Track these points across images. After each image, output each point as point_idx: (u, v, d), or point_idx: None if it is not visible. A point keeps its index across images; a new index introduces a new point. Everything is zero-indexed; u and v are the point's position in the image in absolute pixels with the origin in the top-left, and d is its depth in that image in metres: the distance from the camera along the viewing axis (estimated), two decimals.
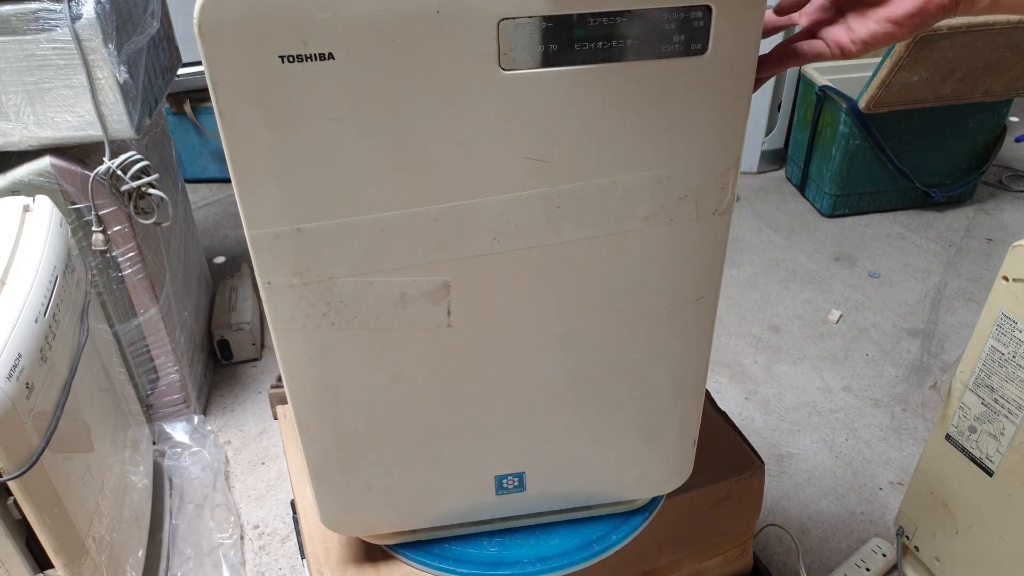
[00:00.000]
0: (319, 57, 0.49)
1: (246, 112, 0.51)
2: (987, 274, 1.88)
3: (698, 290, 0.66)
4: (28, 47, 1.06)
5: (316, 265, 0.58)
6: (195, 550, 1.22)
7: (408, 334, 0.63)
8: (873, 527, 1.27)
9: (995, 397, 0.91)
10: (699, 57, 0.53)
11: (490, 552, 0.81)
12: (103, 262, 1.24)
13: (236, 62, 0.49)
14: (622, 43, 0.51)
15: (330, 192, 0.55)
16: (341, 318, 0.61)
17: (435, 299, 0.62)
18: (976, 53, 1.75)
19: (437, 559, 0.80)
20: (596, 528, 0.83)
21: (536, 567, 0.79)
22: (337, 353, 0.63)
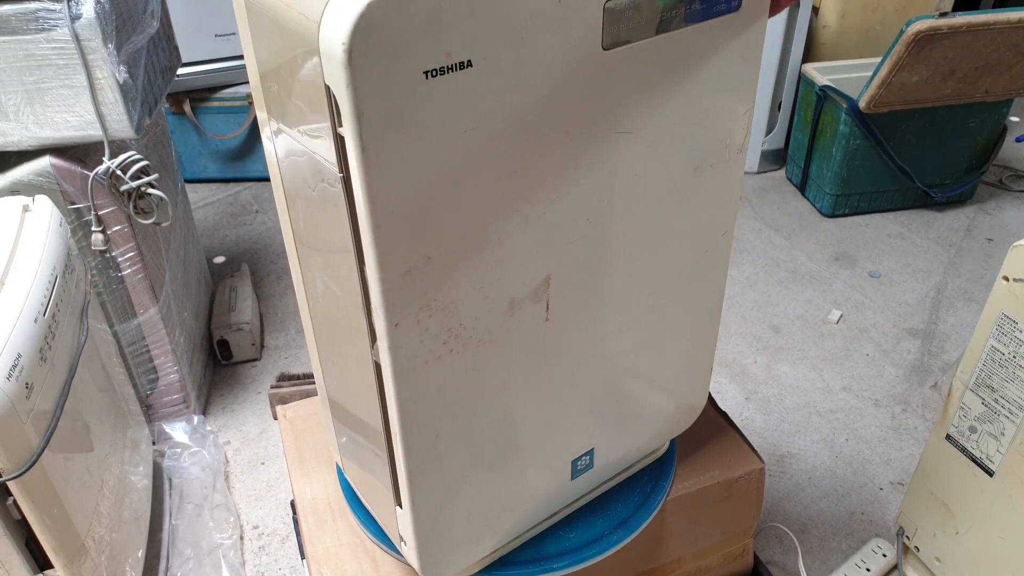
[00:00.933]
0: (459, 67, 0.48)
1: (391, 139, 0.48)
2: (987, 274, 1.88)
3: (723, 225, 0.74)
4: (28, 47, 1.06)
5: (443, 292, 0.56)
6: (195, 550, 1.22)
7: (513, 340, 0.62)
8: (873, 527, 1.27)
9: (995, 397, 0.91)
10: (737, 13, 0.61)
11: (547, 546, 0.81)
12: (103, 262, 1.24)
13: (385, 86, 0.46)
14: (689, 8, 0.58)
15: (459, 210, 0.53)
16: (459, 342, 0.59)
17: (537, 296, 0.62)
18: (976, 53, 1.75)
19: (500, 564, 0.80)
20: (595, 528, 0.83)
21: (535, 568, 0.79)
22: (454, 380, 0.60)
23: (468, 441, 0.65)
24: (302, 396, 1.13)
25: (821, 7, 2.21)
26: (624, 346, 0.74)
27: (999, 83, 1.88)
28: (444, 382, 0.60)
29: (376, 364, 0.59)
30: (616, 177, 0.62)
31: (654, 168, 0.64)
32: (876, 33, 2.23)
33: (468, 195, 0.53)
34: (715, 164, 0.69)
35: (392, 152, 0.48)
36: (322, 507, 0.88)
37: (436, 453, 0.64)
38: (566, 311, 0.65)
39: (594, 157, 0.59)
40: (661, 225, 0.69)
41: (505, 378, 0.65)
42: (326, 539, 0.84)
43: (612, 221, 0.64)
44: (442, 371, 0.59)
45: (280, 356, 1.66)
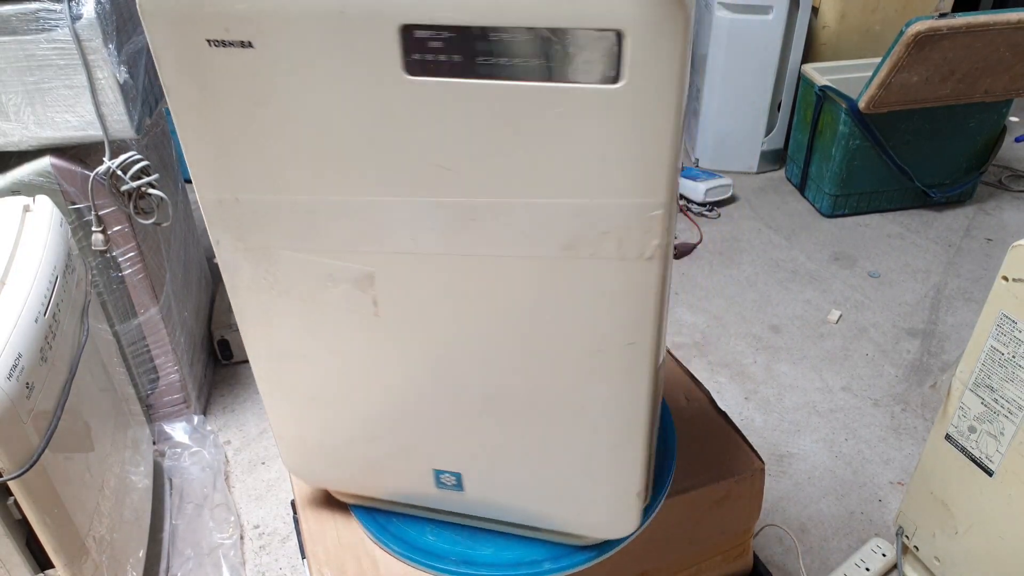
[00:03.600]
0: (240, 44, 0.52)
1: (185, 88, 0.55)
2: (987, 274, 1.88)
3: (628, 335, 0.61)
4: (28, 47, 1.06)
5: (255, 233, 0.63)
6: (195, 550, 1.22)
7: (341, 313, 0.66)
8: (873, 527, 1.27)
9: (995, 397, 0.91)
10: (611, 87, 0.48)
11: (485, 553, 0.81)
12: (103, 262, 1.24)
13: (172, 41, 0.53)
14: (526, 62, 0.49)
15: (262, 169, 0.59)
16: (280, 286, 0.66)
17: (361, 287, 0.64)
18: (976, 53, 1.76)
19: (432, 556, 0.80)
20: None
21: (533, 568, 0.79)
22: (280, 316, 0.68)
23: (304, 378, 0.73)
24: None
25: (821, 7, 2.21)
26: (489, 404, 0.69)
27: (999, 83, 1.88)
28: (271, 313, 0.69)
29: None
30: (443, 211, 0.58)
31: (505, 224, 0.57)
32: (876, 33, 2.23)
33: (269, 160, 0.58)
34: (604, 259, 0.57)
35: (188, 98, 0.56)
36: (322, 507, 0.88)
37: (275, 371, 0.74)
38: (399, 319, 0.64)
39: (407, 179, 0.57)
40: (516, 298, 0.61)
41: (337, 345, 0.69)
42: (326, 539, 0.84)
43: (454, 257, 0.60)
44: (268, 302, 0.68)
45: None
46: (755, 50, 2.15)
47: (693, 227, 2.09)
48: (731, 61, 2.18)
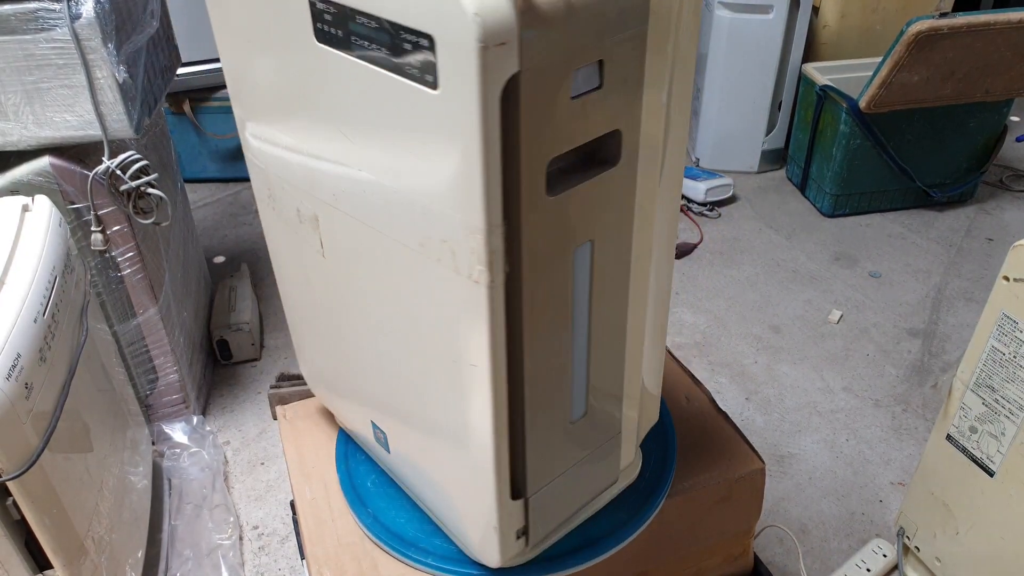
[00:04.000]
0: None
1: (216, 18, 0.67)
2: (988, 274, 1.88)
3: (468, 354, 0.58)
4: (27, 47, 1.06)
5: (259, 151, 0.70)
6: (194, 551, 1.22)
7: (302, 247, 0.72)
8: (874, 527, 1.27)
9: (996, 397, 0.91)
10: (431, 91, 0.48)
11: None
12: (102, 262, 1.24)
13: None
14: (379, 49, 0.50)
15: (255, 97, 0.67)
16: (276, 210, 0.73)
17: (313, 225, 0.68)
18: (977, 53, 1.75)
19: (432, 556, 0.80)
20: (593, 530, 0.82)
21: (534, 569, 0.79)
22: (276, 231, 0.76)
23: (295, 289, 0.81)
24: (302, 396, 1.13)
25: (821, 7, 2.21)
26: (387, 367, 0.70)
27: (999, 83, 1.88)
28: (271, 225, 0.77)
29: None
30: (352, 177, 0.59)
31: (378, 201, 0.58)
32: (876, 33, 2.22)
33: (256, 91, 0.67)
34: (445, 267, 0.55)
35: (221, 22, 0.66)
36: (322, 507, 0.88)
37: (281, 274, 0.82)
38: (335, 265, 0.69)
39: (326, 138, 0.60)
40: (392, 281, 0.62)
41: (307, 272, 0.75)
42: (326, 539, 0.84)
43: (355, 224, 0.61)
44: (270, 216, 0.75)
45: (280, 356, 1.66)
46: (755, 49, 2.15)
47: (693, 227, 2.08)
48: (731, 61, 2.17)
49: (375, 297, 0.66)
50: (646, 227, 0.62)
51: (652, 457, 0.91)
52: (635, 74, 0.53)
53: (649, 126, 0.57)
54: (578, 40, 0.48)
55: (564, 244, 0.56)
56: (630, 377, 0.71)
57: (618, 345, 0.67)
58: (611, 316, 0.64)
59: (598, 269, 0.60)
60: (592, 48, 0.49)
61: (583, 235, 0.57)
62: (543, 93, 0.48)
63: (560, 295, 0.59)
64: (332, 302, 0.74)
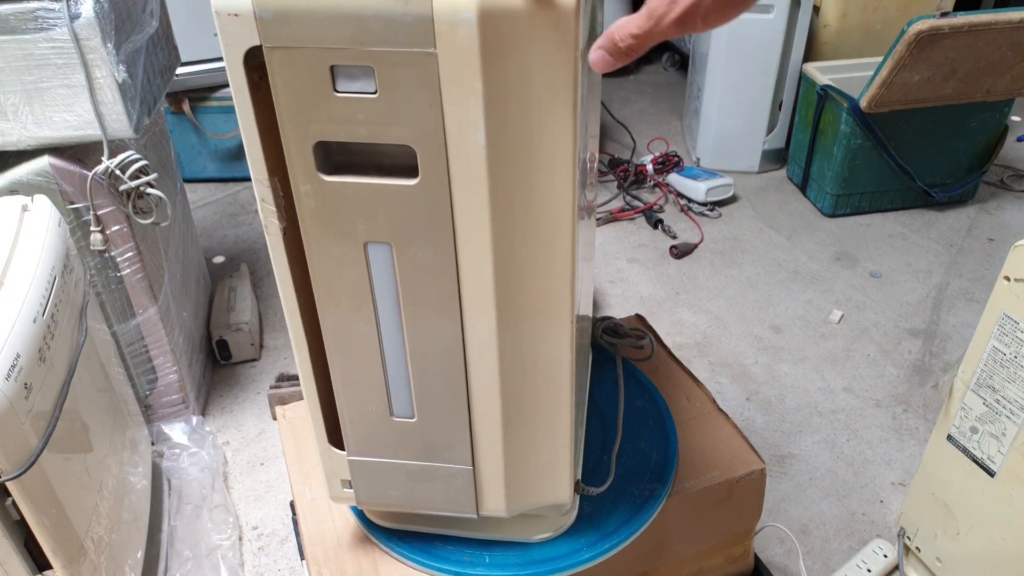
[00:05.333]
0: None
1: None
2: (989, 274, 1.88)
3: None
4: (27, 46, 1.06)
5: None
6: (193, 551, 1.22)
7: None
8: (874, 528, 1.27)
9: (997, 397, 0.91)
10: None
11: (483, 557, 0.80)
12: (101, 262, 1.23)
13: None
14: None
15: None
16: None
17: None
18: (978, 53, 1.75)
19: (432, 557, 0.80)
20: (594, 531, 0.82)
21: (531, 569, 0.79)
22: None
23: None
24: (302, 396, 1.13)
25: (822, 6, 2.21)
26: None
27: (1000, 83, 1.87)
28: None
29: None
30: None
31: None
32: (877, 33, 2.22)
33: None
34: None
35: None
36: (322, 507, 0.87)
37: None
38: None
39: None
40: None
41: None
42: (326, 540, 0.84)
43: None
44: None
45: (280, 356, 1.66)
46: (756, 49, 2.15)
47: (694, 227, 2.08)
48: (732, 60, 2.17)
49: None
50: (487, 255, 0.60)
51: (652, 457, 0.91)
52: (423, 97, 0.52)
53: (467, 161, 0.55)
54: (330, 37, 0.50)
55: (347, 230, 0.59)
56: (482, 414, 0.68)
57: (448, 365, 0.66)
58: (434, 330, 0.64)
59: (404, 274, 0.61)
60: (352, 52, 0.51)
61: (375, 234, 0.59)
62: (295, 75, 0.52)
63: (353, 281, 0.62)
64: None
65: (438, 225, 0.58)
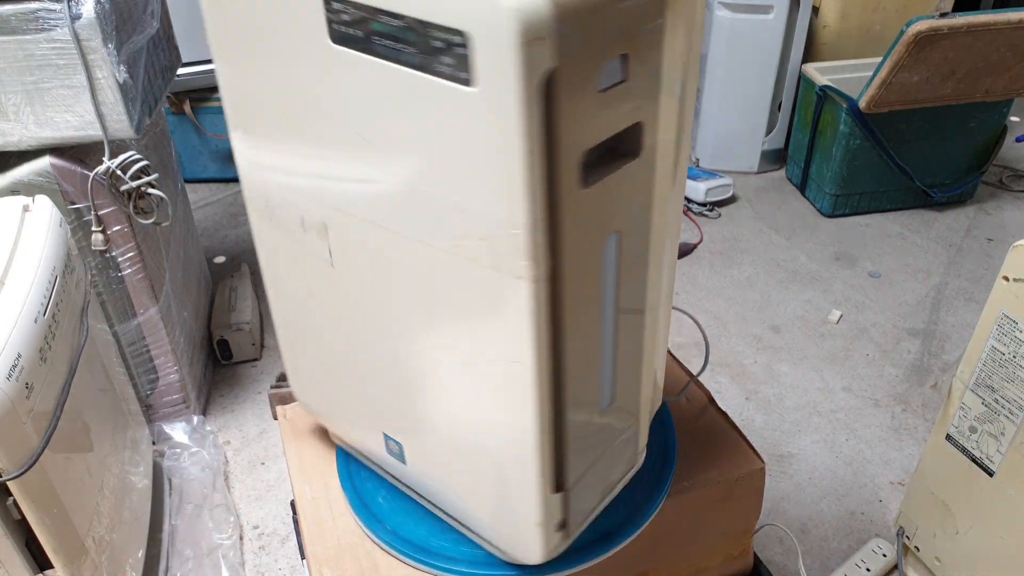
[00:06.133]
0: None
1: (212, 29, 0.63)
2: (988, 274, 1.88)
3: (509, 351, 0.58)
4: (28, 47, 1.06)
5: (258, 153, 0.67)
6: (194, 551, 1.22)
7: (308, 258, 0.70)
8: (873, 527, 1.27)
9: (995, 397, 0.91)
10: (466, 89, 0.47)
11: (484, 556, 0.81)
12: (103, 262, 1.24)
13: None
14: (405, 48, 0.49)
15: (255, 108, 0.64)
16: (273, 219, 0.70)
17: (321, 235, 0.66)
18: (976, 53, 1.75)
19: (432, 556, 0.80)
20: (592, 530, 0.83)
21: (531, 569, 0.79)
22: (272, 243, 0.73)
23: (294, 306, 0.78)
24: None
25: (821, 7, 2.21)
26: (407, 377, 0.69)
27: (999, 83, 1.88)
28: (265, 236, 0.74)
29: None
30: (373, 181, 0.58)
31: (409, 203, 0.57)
32: (876, 33, 2.23)
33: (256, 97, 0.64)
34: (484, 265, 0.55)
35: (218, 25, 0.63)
36: (322, 507, 0.88)
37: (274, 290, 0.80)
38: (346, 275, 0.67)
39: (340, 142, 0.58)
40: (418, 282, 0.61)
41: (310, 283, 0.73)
42: (326, 539, 0.84)
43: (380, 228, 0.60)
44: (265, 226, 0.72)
45: (280, 356, 1.66)
46: (756, 50, 2.15)
47: (693, 227, 2.09)
48: (731, 61, 2.17)
49: (395, 303, 0.64)
50: (662, 218, 0.64)
51: (652, 457, 0.91)
52: (655, 68, 0.54)
53: (666, 119, 0.58)
54: (606, 35, 0.49)
55: (597, 237, 0.57)
56: (647, 362, 0.73)
57: (638, 332, 0.69)
58: (633, 305, 0.66)
59: (623, 261, 0.61)
60: (618, 42, 0.50)
61: (611, 227, 0.58)
62: (576, 87, 0.48)
63: (593, 287, 0.59)
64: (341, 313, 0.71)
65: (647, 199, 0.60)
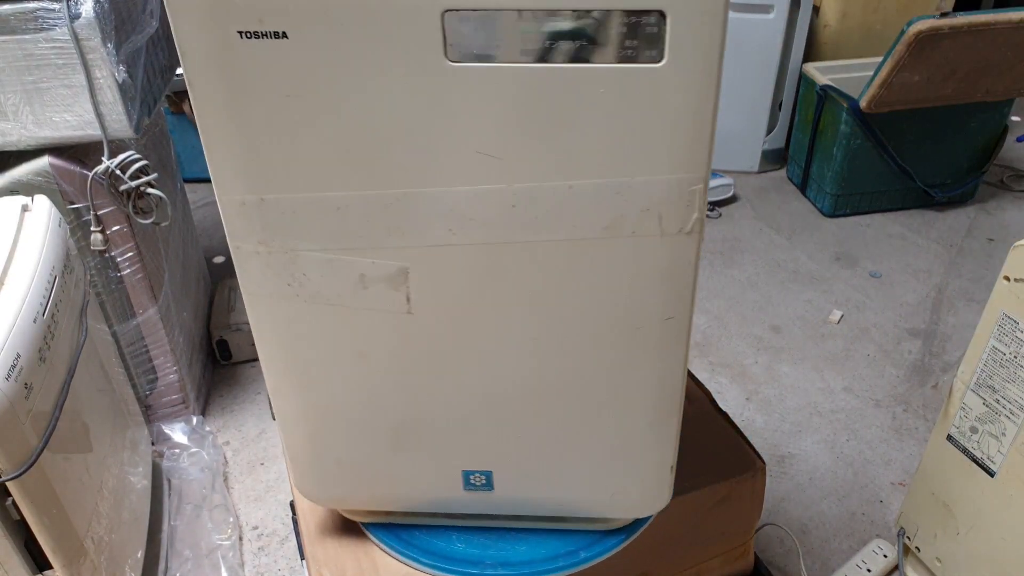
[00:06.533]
0: (274, 35, 0.51)
1: (211, 82, 0.53)
2: (988, 274, 1.88)
3: (666, 310, 0.63)
4: (27, 46, 1.06)
5: (280, 236, 0.60)
6: (194, 551, 1.22)
7: (371, 315, 0.64)
8: (874, 528, 1.27)
9: (996, 397, 0.91)
10: (654, 66, 0.50)
11: (489, 553, 0.81)
12: (102, 262, 1.23)
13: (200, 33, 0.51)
14: (571, 43, 0.50)
15: (291, 166, 0.57)
16: (305, 291, 0.63)
17: (394, 284, 0.62)
18: (977, 53, 1.75)
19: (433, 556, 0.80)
20: (593, 531, 0.82)
21: (534, 568, 0.79)
22: (303, 325, 0.65)
23: (326, 390, 0.69)
24: None
25: (822, 7, 2.21)
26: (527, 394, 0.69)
27: (1000, 83, 1.87)
28: (292, 321, 0.65)
29: None
30: (489, 199, 0.58)
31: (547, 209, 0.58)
32: (877, 33, 2.22)
33: (299, 156, 0.56)
34: (638, 234, 0.59)
35: (214, 92, 0.54)
36: (322, 507, 0.87)
37: (293, 384, 0.69)
38: (434, 314, 0.64)
39: (447, 169, 0.57)
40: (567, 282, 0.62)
41: (365, 349, 0.67)
42: (326, 540, 0.84)
43: (493, 246, 0.60)
44: (290, 310, 0.64)
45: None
46: (756, 49, 2.15)
47: None
48: (732, 60, 2.16)
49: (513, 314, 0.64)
50: None
51: None
52: None
53: None
54: None
55: None
56: None
57: None
58: None
59: None
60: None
61: None
62: None
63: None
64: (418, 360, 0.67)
65: None
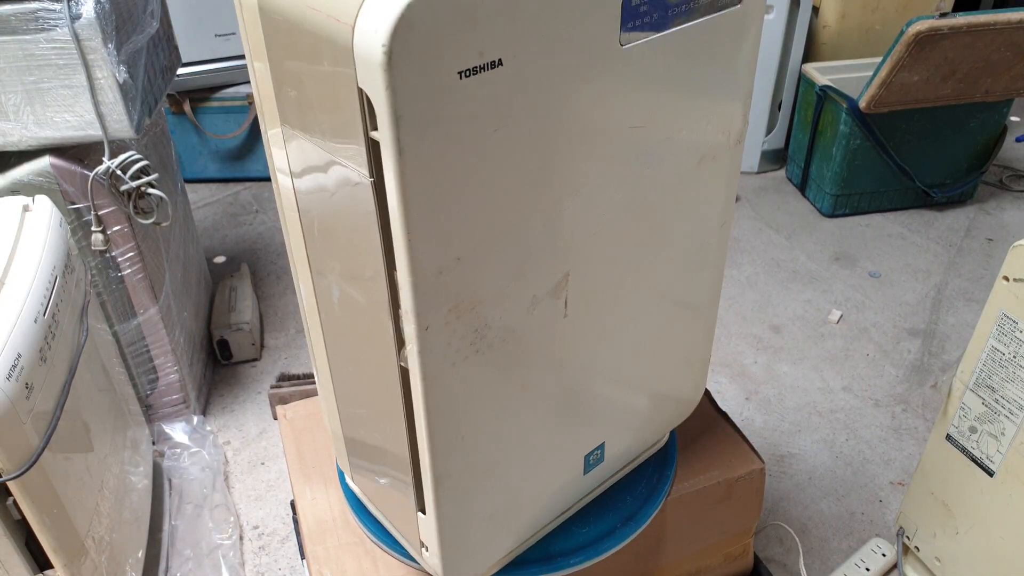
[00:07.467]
0: (491, 66, 0.48)
1: (427, 141, 0.48)
2: (988, 274, 1.88)
3: (723, 215, 0.76)
4: (28, 47, 1.06)
5: (471, 292, 0.55)
6: (194, 551, 1.22)
7: (533, 337, 0.63)
8: (873, 527, 1.27)
9: (996, 397, 0.91)
10: (738, 7, 0.64)
11: None
12: (102, 262, 1.24)
13: (422, 87, 0.45)
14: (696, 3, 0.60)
15: (488, 210, 0.54)
16: (485, 342, 0.58)
17: (557, 293, 0.62)
18: (977, 53, 1.75)
19: None
20: (604, 524, 0.83)
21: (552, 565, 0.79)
22: (479, 380, 0.60)
23: (491, 441, 0.66)
24: (302, 396, 1.13)
25: (821, 7, 2.21)
26: (632, 339, 0.76)
27: (999, 83, 1.88)
28: (469, 383, 0.60)
29: (403, 369, 0.58)
30: (629, 171, 0.64)
31: (662, 162, 0.66)
32: (876, 33, 2.22)
33: (497, 194, 0.54)
34: (717, 156, 0.71)
35: (427, 154, 0.48)
36: (322, 507, 0.88)
37: (461, 455, 0.64)
38: (582, 307, 0.67)
39: (610, 152, 0.61)
40: (667, 218, 0.71)
41: (526, 375, 0.65)
42: (326, 539, 0.84)
43: (624, 215, 0.66)
44: (468, 372, 0.59)
45: (280, 356, 1.66)
46: None
47: None
48: None
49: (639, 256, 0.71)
50: None
51: (652, 457, 0.91)
52: None
53: None
54: None
55: None
56: None
57: None
58: None
59: None
60: None
61: None
62: None
63: None
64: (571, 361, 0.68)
65: None
